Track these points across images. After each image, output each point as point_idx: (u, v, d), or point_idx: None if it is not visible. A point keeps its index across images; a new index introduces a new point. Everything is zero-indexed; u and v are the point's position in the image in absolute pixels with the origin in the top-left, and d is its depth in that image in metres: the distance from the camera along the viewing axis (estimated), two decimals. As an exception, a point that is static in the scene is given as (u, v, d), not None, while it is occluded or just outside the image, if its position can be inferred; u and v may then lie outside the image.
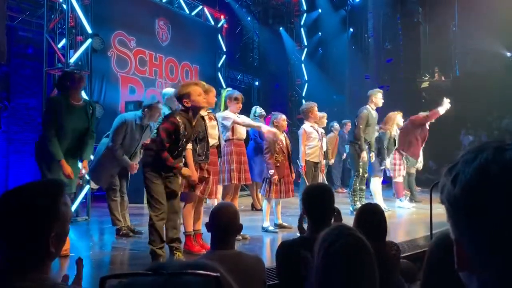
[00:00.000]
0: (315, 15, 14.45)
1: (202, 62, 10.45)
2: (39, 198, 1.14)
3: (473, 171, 0.63)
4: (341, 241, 1.36)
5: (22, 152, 8.41)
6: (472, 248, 0.64)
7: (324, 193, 2.44)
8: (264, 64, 14.30)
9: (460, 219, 0.66)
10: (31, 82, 8.11)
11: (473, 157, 0.65)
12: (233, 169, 4.97)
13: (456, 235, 0.67)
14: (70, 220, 1.24)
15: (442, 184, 0.69)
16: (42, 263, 1.15)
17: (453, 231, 0.68)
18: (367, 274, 1.33)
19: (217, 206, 2.46)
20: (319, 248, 1.39)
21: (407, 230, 5.61)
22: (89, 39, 6.65)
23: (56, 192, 1.18)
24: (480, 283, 0.64)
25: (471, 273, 0.66)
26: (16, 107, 8.37)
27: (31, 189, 1.17)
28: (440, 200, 0.70)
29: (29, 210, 1.12)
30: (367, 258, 1.35)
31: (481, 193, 0.62)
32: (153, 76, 9.09)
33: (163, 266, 0.55)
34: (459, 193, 0.64)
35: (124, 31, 8.35)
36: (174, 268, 0.54)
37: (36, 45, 8.03)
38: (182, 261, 0.57)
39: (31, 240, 1.12)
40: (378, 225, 2.42)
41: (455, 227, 0.67)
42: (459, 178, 0.64)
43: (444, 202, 0.68)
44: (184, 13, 9.99)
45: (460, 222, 0.66)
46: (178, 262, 0.56)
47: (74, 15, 6.64)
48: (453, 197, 0.65)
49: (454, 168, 0.67)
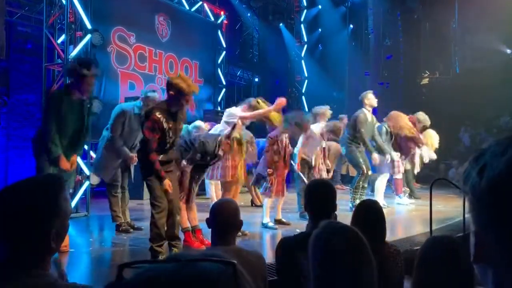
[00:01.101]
0: (315, 11, 14.43)
1: (202, 58, 10.43)
2: (40, 194, 1.14)
3: (502, 166, 0.61)
4: (337, 237, 1.35)
5: (21, 148, 8.40)
6: (493, 242, 0.63)
7: (326, 189, 2.44)
8: (264, 61, 14.29)
9: (484, 212, 0.64)
10: (30, 77, 8.09)
11: (502, 150, 0.63)
12: (228, 166, 4.94)
13: (477, 227, 0.66)
14: (70, 215, 1.23)
15: (467, 174, 0.67)
16: (42, 259, 1.15)
17: (474, 222, 0.67)
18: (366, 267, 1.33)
19: (218, 202, 2.46)
20: (314, 248, 1.37)
21: (406, 227, 5.62)
22: (89, 35, 6.63)
23: (56, 187, 1.18)
24: (496, 277, 0.64)
25: (487, 266, 0.65)
26: (16, 102, 8.35)
27: (31, 185, 1.17)
28: (462, 190, 0.68)
29: (30, 206, 1.12)
30: (364, 251, 1.35)
31: (509, 188, 0.60)
32: (153, 72, 9.08)
33: (179, 256, 0.56)
34: (486, 187, 0.63)
35: (123, 27, 8.33)
36: (190, 257, 0.55)
37: (35, 40, 8.01)
38: (197, 251, 0.58)
39: (32, 236, 1.12)
40: (376, 221, 2.41)
41: (477, 219, 0.66)
42: (487, 171, 0.63)
43: (467, 193, 0.67)
44: (184, 9, 9.97)
45: (484, 215, 0.64)
46: (194, 252, 0.57)
47: (74, 11, 6.62)
48: (479, 190, 0.64)
49: (481, 158, 0.65)
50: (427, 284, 1.53)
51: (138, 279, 0.53)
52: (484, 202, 0.63)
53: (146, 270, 0.54)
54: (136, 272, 0.55)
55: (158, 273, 0.53)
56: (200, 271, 0.53)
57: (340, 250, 1.32)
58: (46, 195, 1.15)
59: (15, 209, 1.11)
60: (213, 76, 10.70)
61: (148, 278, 0.53)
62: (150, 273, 0.53)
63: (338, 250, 1.32)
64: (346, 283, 1.30)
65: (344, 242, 1.34)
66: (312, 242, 1.37)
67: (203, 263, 0.54)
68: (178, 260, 0.54)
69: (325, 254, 1.33)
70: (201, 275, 0.52)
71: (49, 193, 1.15)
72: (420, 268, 1.60)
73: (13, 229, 1.11)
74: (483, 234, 0.65)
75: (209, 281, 0.52)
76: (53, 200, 1.15)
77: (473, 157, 0.68)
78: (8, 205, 1.11)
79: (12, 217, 1.10)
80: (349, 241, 1.35)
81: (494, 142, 0.66)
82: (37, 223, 1.12)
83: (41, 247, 1.13)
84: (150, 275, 0.53)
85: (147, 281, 0.52)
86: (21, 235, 1.11)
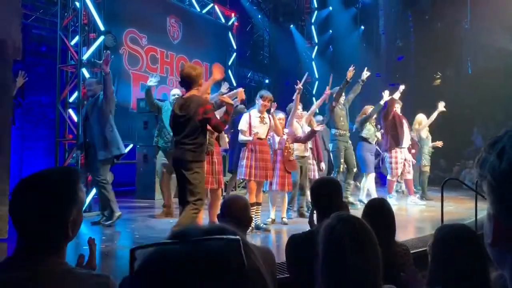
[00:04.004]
0: (326, 12, 14.42)
1: (213, 59, 10.45)
2: (62, 182, 1.20)
3: None
4: (341, 224, 1.38)
5: (35, 148, 8.53)
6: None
7: (332, 187, 2.45)
8: (274, 62, 14.30)
9: (505, 192, 0.65)
10: (44, 79, 8.22)
11: None
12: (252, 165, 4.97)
13: (497, 210, 0.66)
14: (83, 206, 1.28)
15: (483, 158, 0.68)
16: (59, 246, 1.19)
17: (493, 206, 0.67)
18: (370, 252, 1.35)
19: (228, 198, 2.49)
20: (322, 237, 1.41)
21: (417, 227, 5.58)
22: (102, 36, 6.72)
23: (75, 177, 1.24)
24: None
25: (505, 249, 0.66)
26: (30, 104, 8.49)
27: (54, 174, 1.23)
28: (479, 175, 0.69)
29: (54, 193, 1.17)
30: (368, 238, 1.37)
31: None
32: (164, 73, 9.16)
33: (185, 233, 0.58)
34: (507, 167, 0.64)
35: (135, 29, 8.43)
36: (196, 234, 0.57)
37: (49, 42, 8.14)
38: (202, 227, 0.60)
39: (52, 223, 1.16)
40: (385, 219, 2.41)
41: (497, 202, 0.66)
42: (507, 153, 0.64)
43: (485, 177, 0.67)
44: (195, 11, 10.04)
45: (505, 196, 0.65)
46: (198, 228, 0.59)
47: (87, 13, 6.72)
48: (499, 171, 0.65)
49: (498, 143, 0.67)
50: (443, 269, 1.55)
51: (148, 263, 0.55)
52: (505, 183, 0.64)
53: (155, 252, 0.55)
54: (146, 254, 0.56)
55: (167, 255, 0.54)
56: (209, 250, 0.54)
57: (343, 235, 1.35)
58: (67, 184, 1.20)
59: (37, 198, 1.16)
60: (224, 78, 10.74)
61: (157, 261, 0.54)
62: (158, 256, 0.55)
63: (342, 236, 1.35)
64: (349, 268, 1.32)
65: (347, 229, 1.36)
66: (321, 231, 1.40)
67: (209, 242, 0.55)
68: (186, 241, 0.56)
69: (330, 239, 1.37)
70: (210, 254, 0.54)
71: (70, 182, 1.21)
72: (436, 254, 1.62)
73: (36, 215, 1.15)
74: (505, 216, 0.65)
75: (218, 260, 0.54)
76: (72, 188, 1.21)
77: (488, 144, 0.69)
78: (29, 194, 1.16)
79: (33, 206, 1.15)
80: (353, 227, 1.37)
81: (509, 128, 0.68)
82: (59, 209, 1.17)
83: (59, 234, 1.17)
84: (159, 258, 0.54)
85: (157, 264, 0.54)
86: (42, 221, 1.15)
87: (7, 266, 1.14)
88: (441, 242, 1.63)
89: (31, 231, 1.16)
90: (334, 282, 1.35)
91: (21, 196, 1.17)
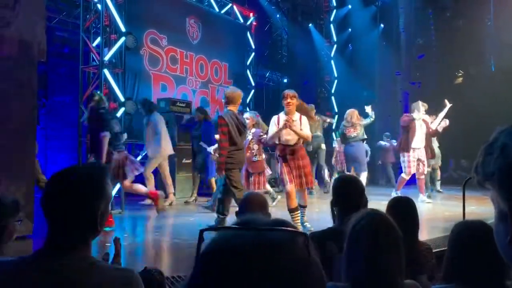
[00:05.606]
0: (345, 11, 14.33)
1: (231, 59, 10.54)
2: (90, 178, 1.25)
3: None
4: (367, 218, 1.40)
5: (58, 148, 8.72)
6: None
7: (350, 185, 2.45)
8: (293, 61, 14.28)
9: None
10: (67, 80, 8.40)
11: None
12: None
13: (509, 206, 0.65)
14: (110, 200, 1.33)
15: (482, 161, 0.69)
16: (86, 240, 1.23)
17: (507, 202, 0.66)
18: (392, 249, 1.36)
19: (247, 195, 2.52)
20: (348, 233, 1.43)
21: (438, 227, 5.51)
22: (123, 37, 6.83)
23: (103, 173, 1.29)
24: None
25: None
26: (53, 104, 8.68)
27: (81, 170, 1.29)
28: (482, 177, 0.69)
29: (82, 188, 1.22)
30: (392, 234, 1.38)
31: None
32: (184, 74, 9.25)
33: (250, 221, 0.59)
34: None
35: (156, 30, 8.53)
36: (261, 224, 0.59)
37: (71, 44, 8.31)
38: (267, 218, 0.62)
39: (82, 216, 1.20)
40: (408, 216, 2.40)
41: (507, 197, 0.66)
42: (510, 146, 0.65)
43: (491, 176, 0.67)
44: (214, 11, 10.11)
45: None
46: (264, 219, 0.61)
47: (109, 14, 6.85)
48: (507, 165, 0.64)
49: (495, 143, 0.67)
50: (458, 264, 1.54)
51: (214, 246, 0.57)
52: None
53: (232, 236, 0.57)
54: (220, 237, 0.58)
55: (232, 241, 0.56)
56: (274, 239, 0.56)
57: (366, 229, 1.36)
58: (98, 179, 1.26)
59: (69, 192, 1.20)
60: (242, 78, 10.80)
61: (223, 245, 0.56)
62: (224, 240, 0.57)
63: (367, 232, 1.36)
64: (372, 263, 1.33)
65: (370, 223, 1.38)
66: (349, 226, 1.43)
67: (275, 232, 0.57)
68: (252, 228, 0.58)
69: (352, 232, 1.38)
70: (276, 243, 0.56)
71: (100, 177, 1.26)
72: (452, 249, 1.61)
73: (68, 206, 1.20)
74: None
75: (284, 250, 0.55)
76: (101, 183, 1.25)
77: (484, 147, 0.69)
78: (62, 188, 1.21)
79: (65, 200, 1.19)
80: (375, 222, 1.38)
81: (504, 127, 0.68)
82: (89, 203, 1.21)
83: (87, 227, 1.22)
84: (236, 242, 0.56)
85: (222, 248, 0.56)
86: (74, 212, 1.20)
87: (35, 259, 1.18)
88: (457, 237, 1.62)
89: (62, 222, 1.20)
90: (357, 277, 1.36)
91: (54, 188, 1.22)
